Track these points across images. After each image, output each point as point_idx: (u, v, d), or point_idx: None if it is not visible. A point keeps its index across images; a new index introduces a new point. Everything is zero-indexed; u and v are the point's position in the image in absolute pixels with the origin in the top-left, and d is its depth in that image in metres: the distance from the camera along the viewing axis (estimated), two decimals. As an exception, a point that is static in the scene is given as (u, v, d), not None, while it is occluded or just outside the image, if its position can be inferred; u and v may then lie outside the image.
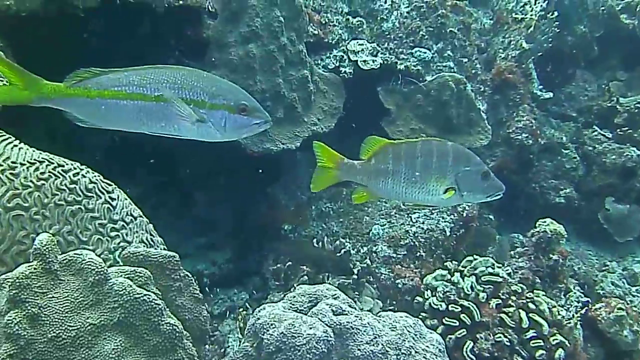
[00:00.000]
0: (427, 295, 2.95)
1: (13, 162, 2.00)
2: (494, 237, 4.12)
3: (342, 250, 3.29)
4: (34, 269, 1.63)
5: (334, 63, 3.82)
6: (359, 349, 1.95)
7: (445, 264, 3.17)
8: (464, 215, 3.59)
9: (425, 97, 3.89)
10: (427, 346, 2.07)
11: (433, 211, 3.51)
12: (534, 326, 2.78)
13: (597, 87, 5.41)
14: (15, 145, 2.08)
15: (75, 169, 2.15)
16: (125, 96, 1.95)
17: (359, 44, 3.84)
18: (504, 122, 4.46)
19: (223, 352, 2.97)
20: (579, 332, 2.95)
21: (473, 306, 2.80)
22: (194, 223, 3.87)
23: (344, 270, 3.26)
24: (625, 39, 5.49)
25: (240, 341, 2.68)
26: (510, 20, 4.62)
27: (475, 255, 3.05)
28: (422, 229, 3.47)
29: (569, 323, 2.89)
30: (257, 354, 2.01)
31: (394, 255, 3.39)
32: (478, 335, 2.77)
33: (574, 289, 3.35)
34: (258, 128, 2.08)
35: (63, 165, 2.11)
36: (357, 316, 2.04)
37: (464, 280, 2.89)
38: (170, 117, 1.97)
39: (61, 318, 1.61)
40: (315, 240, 3.38)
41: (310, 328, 1.93)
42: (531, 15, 4.56)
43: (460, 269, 3.01)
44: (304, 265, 3.25)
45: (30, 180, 1.99)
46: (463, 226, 3.59)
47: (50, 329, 1.58)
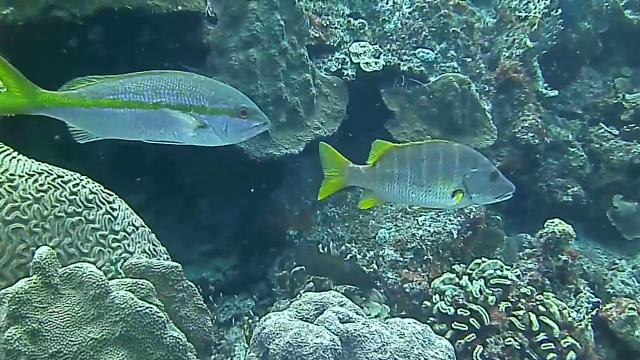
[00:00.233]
0: (435, 299, 2.91)
1: (11, 175, 1.98)
2: (501, 238, 4.09)
3: (348, 255, 3.25)
4: (34, 283, 1.62)
5: (336, 66, 3.81)
6: (366, 357, 1.93)
7: (453, 267, 3.13)
8: (471, 217, 3.56)
9: (429, 98, 3.87)
10: (436, 353, 2.04)
11: (440, 213, 3.49)
12: (545, 329, 2.74)
13: (603, 84, 5.39)
14: (14, 157, 2.06)
15: (74, 179, 2.13)
16: (122, 104, 1.92)
17: (361, 46, 3.83)
18: (510, 122, 4.43)
19: (229, 361, 2.95)
20: (590, 334, 2.90)
21: (482, 310, 2.76)
22: (197, 229, 3.85)
23: (363, 283, 3.24)
24: (630, 35, 5.45)
25: (246, 350, 2.65)
26: (514, 18, 4.60)
27: (483, 258, 3.01)
28: (429, 231, 3.44)
29: (580, 325, 2.85)
30: (264, 365, 1.98)
31: (401, 259, 3.36)
32: (488, 339, 2.73)
33: (584, 289, 3.30)
34: (257, 130, 2.06)
35: (62, 176, 2.09)
36: (365, 323, 2.02)
37: (472, 284, 2.86)
38: (170, 124, 1.95)
39: (62, 333, 1.59)
40: (320, 245, 3.35)
41: (317, 337, 1.91)
42: (535, 13, 4.53)
43: (468, 272, 2.98)
44: (323, 277, 3.23)
45: (29, 193, 1.96)
46: (470, 228, 3.56)
47: (51, 345, 1.56)
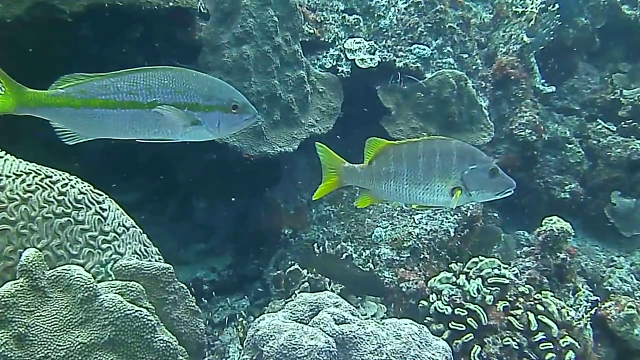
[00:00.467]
0: (432, 298, 2.89)
1: (-2, 175, 1.94)
2: (499, 236, 4.06)
3: (344, 254, 3.22)
4: (21, 286, 1.60)
5: (330, 62, 3.77)
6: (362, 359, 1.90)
7: (450, 265, 3.12)
8: (469, 214, 3.53)
9: (425, 95, 3.84)
10: (433, 354, 2.02)
11: (436, 212, 3.47)
12: (543, 328, 2.72)
13: (600, 80, 5.37)
14: (0, 157, 2.02)
15: (63, 179, 2.10)
16: (115, 104, 1.90)
17: (356, 42, 3.79)
18: (507, 118, 4.40)
19: (223, 363, 2.93)
20: (589, 333, 2.88)
21: (480, 309, 2.74)
22: (192, 229, 3.85)
23: (376, 291, 3.22)
24: (627, 30, 5.44)
25: (240, 352, 2.63)
26: (511, 13, 4.57)
27: (480, 257, 2.99)
28: (426, 230, 3.42)
29: (579, 324, 2.83)
30: (257, 368, 1.95)
31: (397, 258, 3.34)
32: (485, 339, 2.71)
33: (583, 287, 3.28)
34: (247, 123, 2.08)
35: (51, 176, 2.07)
36: (360, 325, 2.00)
37: (469, 283, 2.83)
38: (164, 123, 1.94)
39: (49, 337, 1.57)
40: (316, 244, 3.32)
41: (312, 339, 1.89)
42: (532, 8, 4.51)
43: (465, 270, 2.95)
44: (334, 282, 3.21)
45: (17, 193, 1.94)
46: (467, 226, 3.53)
47: (38, 349, 1.54)
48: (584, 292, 3.22)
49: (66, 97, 1.88)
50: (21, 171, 2.00)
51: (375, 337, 1.96)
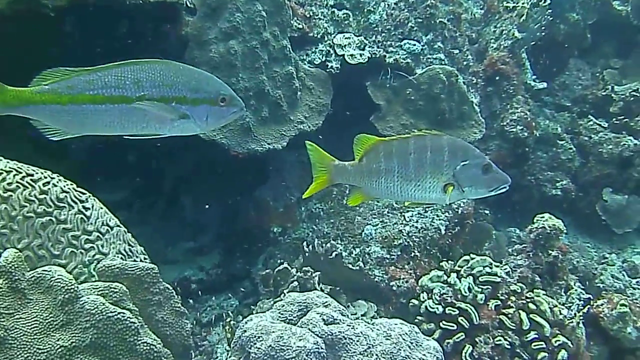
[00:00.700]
0: (423, 297, 2.86)
1: (-24, 174, 1.90)
2: (490, 233, 4.04)
3: (334, 253, 3.18)
4: (0, 288, 1.57)
5: (320, 58, 3.74)
6: (352, 361, 1.89)
7: (441, 264, 3.09)
8: (460, 212, 3.52)
9: (415, 91, 3.80)
10: (424, 355, 2.00)
11: (427, 209, 3.44)
12: (535, 327, 2.69)
13: (591, 76, 5.38)
14: (-21, 156, 1.98)
15: (45, 178, 2.08)
16: (103, 100, 1.87)
17: (346, 38, 3.76)
18: (498, 115, 4.38)
19: (211, 364, 2.90)
20: (581, 331, 2.86)
21: (471, 308, 2.71)
22: (180, 227, 3.83)
23: (383, 299, 3.19)
24: (619, 26, 5.44)
25: (228, 353, 2.59)
26: (502, 9, 4.55)
27: (472, 255, 2.97)
28: (416, 227, 3.39)
29: (572, 322, 2.80)
30: (244, 370, 1.93)
31: (388, 256, 3.31)
32: (477, 338, 2.67)
33: (575, 285, 3.26)
34: (235, 116, 2.07)
35: (32, 175, 2.04)
36: (350, 325, 1.98)
37: (460, 281, 2.81)
38: (152, 118, 1.91)
39: (29, 340, 1.55)
40: (305, 243, 3.28)
41: (300, 340, 1.87)
42: (523, 3, 4.49)
43: (456, 269, 2.93)
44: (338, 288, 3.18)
45: (-4, 192, 1.89)
46: (459, 223, 3.52)
47: (18, 353, 1.53)
48: (576, 290, 3.20)
49: (52, 94, 1.84)
50: (1, 169, 1.97)
51: (365, 338, 1.94)
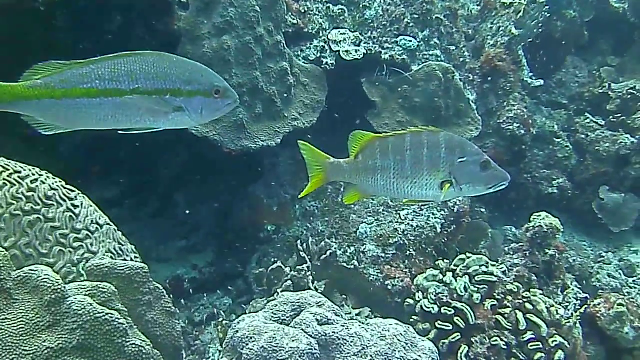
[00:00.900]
0: (419, 297, 2.86)
1: (-39, 171, 1.87)
2: (486, 231, 4.02)
3: (328, 251, 3.15)
4: None
5: (314, 54, 3.70)
6: (345, 362, 1.89)
7: (436, 263, 3.09)
8: (455, 210, 3.50)
9: (411, 88, 3.77)
10: (419, 356, 1.99)
11: (423, 207, 3.42)
12: (532, 327, 2.70)
13: (588, 73, 5.39)
14: (-35, 152, 1.95)
15: (33, 175, 2.05)
16: (97, 93, 1.83)
17: (341, 34, 3.73)
18: (495, 112, 4.38)
19: (204, 363, 2.87)
20: (578, 331, 2.85)
21: (467, 308, 2.71)
22: (174, 225, 3.79)
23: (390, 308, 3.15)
24: (616, 24, 5.46)
25: (220, 353, 2.56)
26: (499, 5, 4.55)
27: (468, 253, 2.96)
28: (412, 226, 3.37)
29: (568, 322, 2.80)
30: (237, 372, 1.91)
31: (383, 255, 3.29)
32: (473, 339, 2.68)
33: (572, 284, 3.24)
34: (229, 108, 2.05)
35: (20, 172, 2.01)
36: (344, 325, 1.97)
37: (456, 281, 2.80)
38: (147, 111, 1.89)
39: (15, 342, 1.52)
40: (299, 241, 3.25)
41: (293, 341, 1.86)
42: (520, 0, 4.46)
43: (452, 268, 2.93)
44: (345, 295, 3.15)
45: (-18, 190, 1.86)
46: (454, 222, 3.50)
47: (2, 355, 1.50)
48: (573, 290, 3.19)
49: (45, 88, 1.81)
50: (-13, 166, 1.92)
51: (360, 339, 1.93)
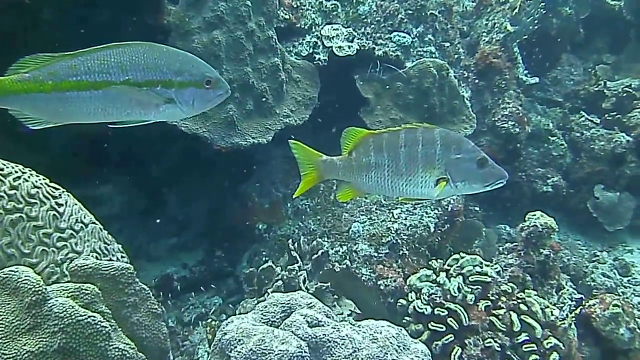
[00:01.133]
0: (411, 297, 2.81)
1: (-60, 168, 1.82)
2: (480, 230, 3.99)
3: (320, 251, 3.10)
4: None
5: (307, 50, 3.67)
6: (336, 365, 1.86)
7: (430, 262, 3.04)
8: (449, 209, 3.47)
9: (405, 85, 3.75)
10: (412, 359, 1.95)
11: (416, 206, 3.39)
12: (527, 329, 2.67)
13: (584, 71, 5.38)
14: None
15: (16, 172, 2.01)
16: (88, 85, 1.79)
17: (334, 29, 3.70)
18: (489, 110, 4.35)
19: (192, 364, 2.82)
20: (573, 333, 2.81)
21: (460, 309, 2.67)
22: (164, 223, 3.76)
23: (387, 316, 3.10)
24: (612, 21, 5.46)
25: (208, 355, 2.52)
26: (494, 1, 4.53)
27: (462, 253, 2.92)
28: (405, 225, 3.34)
29: (563, 323, 2.76)
30: (224, 375, 1.88)
31: (375, 254, 3.27)
32: (466, 340, 2.63)
33: (567, 285, 3.21)
34: (221, 99, 2.01)
35: (2, 169, 1.98)
36: (335, 327, 1.93)
37: (450, 281, 2.76)
38: (137, 103, 1.86)
39: None
40: (291, 240, 3.20)
41: (283, 343, 1.81)
42: (516, -5, 4.44)
43: (446, 268, 2.89)
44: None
45: (-39, 188, 1.81)
46: (448, 221, 3.48)
47: None
48: (567, 290, 3.16)
49: (34, 82, 1.77)
50: (-32, 164, 1.87)
51: (351, 341, 1.89)
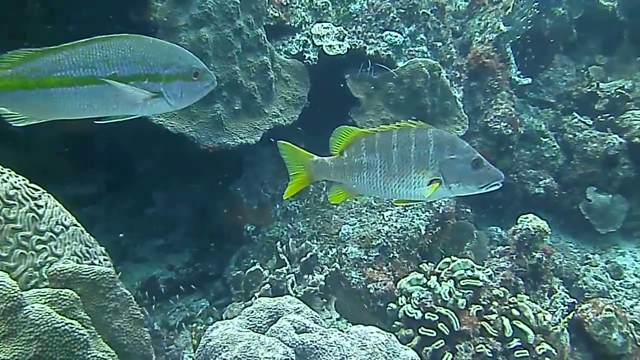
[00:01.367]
0: (402, 301, 2.79)
1: None
2: (472, 233, 3.95)
3: (308, 253, 3.05)
4: None
5: (296, 48, 3.63)
6: (324, 373, 1.84)
7: (420, 266, 3.01)
8: (440, 211, 3.43)
9: (396, 85, 3.72)
10: None
11: (407, 208, 3.33)
12: (519, 334, 2.65)
13: (576, 72, 5.37)
14: None
15: None
16: (72, 81, 1.74)
17: (324, 28, 3.66)
18: (482, 111, 4.33)
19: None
20: (565, 338, 2.79)
21: (451, 314, 2.66)
22: (151, 223, 3.73)
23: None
24: (605, 22, 5.43)
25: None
26: (487, 1, 4.50)
27: (453, 257, 2.91)
28: (396, 227, 3.30)
29: (556, 329, 2.73)
30: (208, 384, 1.84)
31: (365, 257, 3.23)
32: (458, 346, 2.63)
33: (559, 288, 3.18)
34: (207, 90, 1.96)
35: None
36: (322, 334, 1.90)
37: (441, 285, 2.75)
38: (124, 98, 1.80)
39: None
40: (279, 242, 3.15)
41: (269, 350, 1.78)
42: (509, -5, 4.41)
43: (437, 271, 2.87)
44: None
45: (-64, 189, 1.75)
46: (439, 223, 3.44)
47: None
48: (560, 294, 3.14)
49: (17, 78, 1.71)
50: (-58, 163, 1.82)
51: (339, 348, 1.86)
